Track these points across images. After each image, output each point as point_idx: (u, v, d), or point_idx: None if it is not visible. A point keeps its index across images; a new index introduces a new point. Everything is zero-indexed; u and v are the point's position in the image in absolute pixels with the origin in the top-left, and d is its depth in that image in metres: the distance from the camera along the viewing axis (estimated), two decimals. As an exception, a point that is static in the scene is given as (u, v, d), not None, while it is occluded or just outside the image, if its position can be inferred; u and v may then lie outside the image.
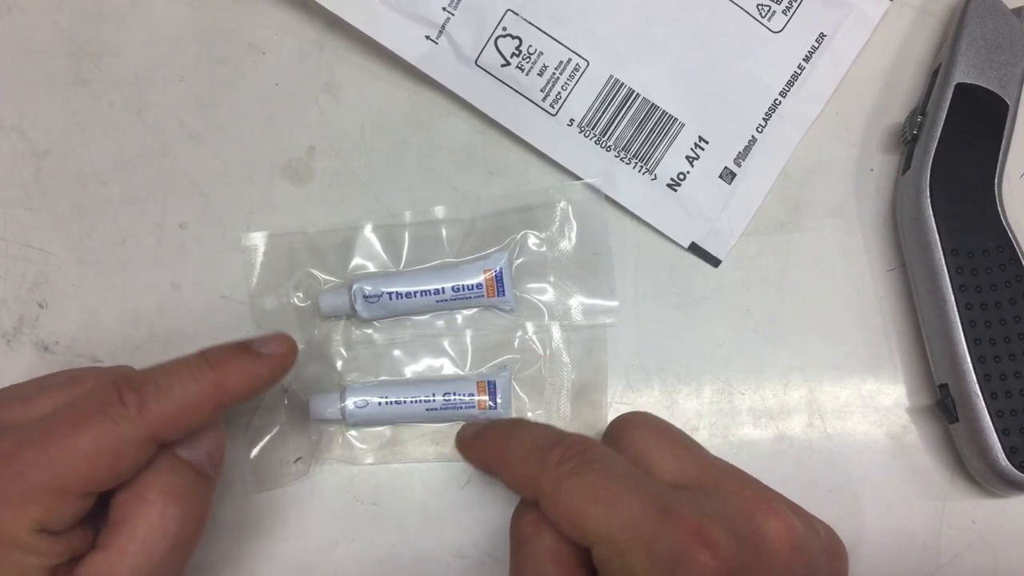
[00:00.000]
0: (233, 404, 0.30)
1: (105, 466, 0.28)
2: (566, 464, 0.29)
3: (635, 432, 0.31)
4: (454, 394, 0.38)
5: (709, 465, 0.30)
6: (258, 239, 0.40)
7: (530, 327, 0.40)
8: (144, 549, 0.29)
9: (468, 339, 0.40)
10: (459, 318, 0.40)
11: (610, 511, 0.27)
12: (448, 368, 0.39)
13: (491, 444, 0.33)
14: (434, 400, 0.38)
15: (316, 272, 0.40)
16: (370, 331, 0.40)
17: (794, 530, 0.28)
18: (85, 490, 0.28)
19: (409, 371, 0.39)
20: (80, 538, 0.29)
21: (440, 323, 0.40)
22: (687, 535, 0.26)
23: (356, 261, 0.40)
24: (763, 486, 0.30)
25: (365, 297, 0.38)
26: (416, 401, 0.38)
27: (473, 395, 0.38)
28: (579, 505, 0.28)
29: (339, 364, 0.39)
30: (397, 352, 0.40)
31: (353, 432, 0.39)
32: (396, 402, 0.38)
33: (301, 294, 0.39)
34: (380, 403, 0.38)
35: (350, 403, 0.38)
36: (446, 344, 0.40)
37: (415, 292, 0.38)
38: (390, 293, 0.38)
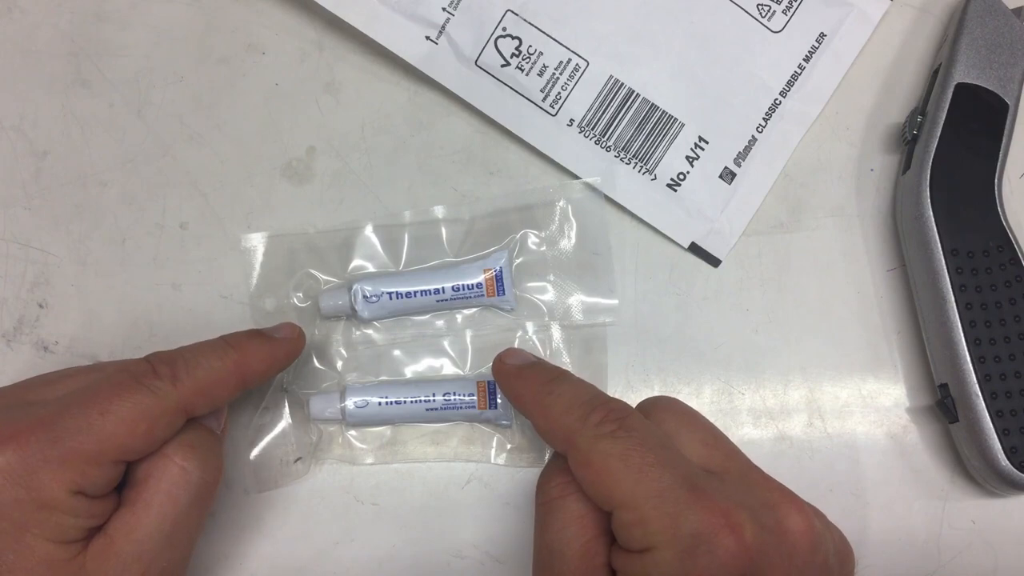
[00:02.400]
0: (253, 384, 0.34)
1: (142, 433, 0.30)
2: (605, 426, 0.29)
3: (665, 414, 0.31)
4: (454, 394, 0.38)
5: (736, 455, 0.30)
6: (258, 240, 0.40)
7: (530, 327, 0.40)
8: (169, 499, 0.30)
9: (468, 339, 0.40)
10: (459, 318, 0.40)
11: (640, 479, 0.28)
12: (448, 368, 0.39)
13: (533, 387, 0.32)
14: (434, 400, 0.38)
15: (316, 272, 0.40)
16: (370, 331, 0.40)
17: (814, 528, 0.28)
18: (121, 456, 0.30)
19: (409, 371, 0.39)
20: (113, 503, 0.31)
21: (440, 323, 0.40)
22: (714, 516, 0.27)
23: (356, 261, 0.40)
24: (784, 485, 0.30)
25: (365, 297, 0.38)
26: (416, 401, 0.38)
27: (473, 395, 0.38)
28: (611, 467, 0.28)
29: (339, 364, 0.39)
30: (397, 352, 0.40)
31: (353, 432, 0.39)
32: (396, 402, 0.38)
33: (301, 294, 0.39)
34: (380, 403, 0.38)
35: (350, 403, 0.38)
36: (446, 344, 0.40)
37: (415, 292, 0.38)
38: (390, 293, 0.38)
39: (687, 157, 0.40)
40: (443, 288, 0.38)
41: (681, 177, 0.40)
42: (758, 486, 0.29)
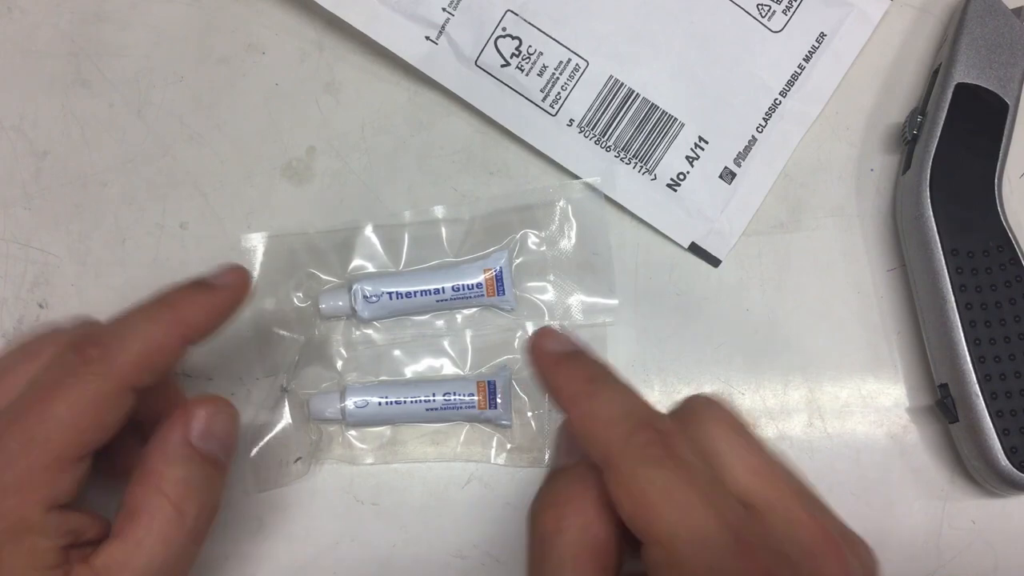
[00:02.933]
0: (198, 339, 0.31)
1: (89, 425, 0.28)
2: (651, 449, 0.27)
3: (713, 427, 0.29)
4: (454, 394, 0.38)
5: (782, 484, 0.28)
6: (258, 239, 0.40)
7: (530, 327, 0.40)
8: (161, 541, 0.29)
9: (468, 339, 0.40)
10: (459, 318, 0.40)
11: (684, 518, 0.26)
12: (448, 368, 0.39)
13: (573, 384, 0.29)
14: (434, 400, 0.38)
15: (316, 272, 0.40)
16: (370, 331, 0.40)
17: (842, 558, 0.27)
18: (80, 453, 0.28)
19: (409, 371, 0.39)
20: (87, 520, 0.29)
21: (440, 323, 0.40)
22: (752, 572, 0.25)
23: (356, 261, 0.40)
24: (828, 514, 0.28)
25: (365, 297, 0.38)
26: (416, 401, 0.38)
27: (473, 395, 0.38)
28: (653, 500, 0.26)
29: (339, 364, 0.39)
30: (397, 352, 0.40)
31: (353, 432, 0.39)
32: (396, 402, 0.38)
33: (301, 294, 0.39)
34: (380, 403, 0.38)
35: (350, 403, 0.38)
36: (446, 344, 0.40)
37: (415, 292, 0.38)
38: (390, 293, 0.38)
39: (687, 157, 0.40)
40: (443, 288, 0.38)
41: (681, 177, 0.40)
42: (801, 528, 0.27)
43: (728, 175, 0.40)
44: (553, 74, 0.40)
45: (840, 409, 0.40)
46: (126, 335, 0.29)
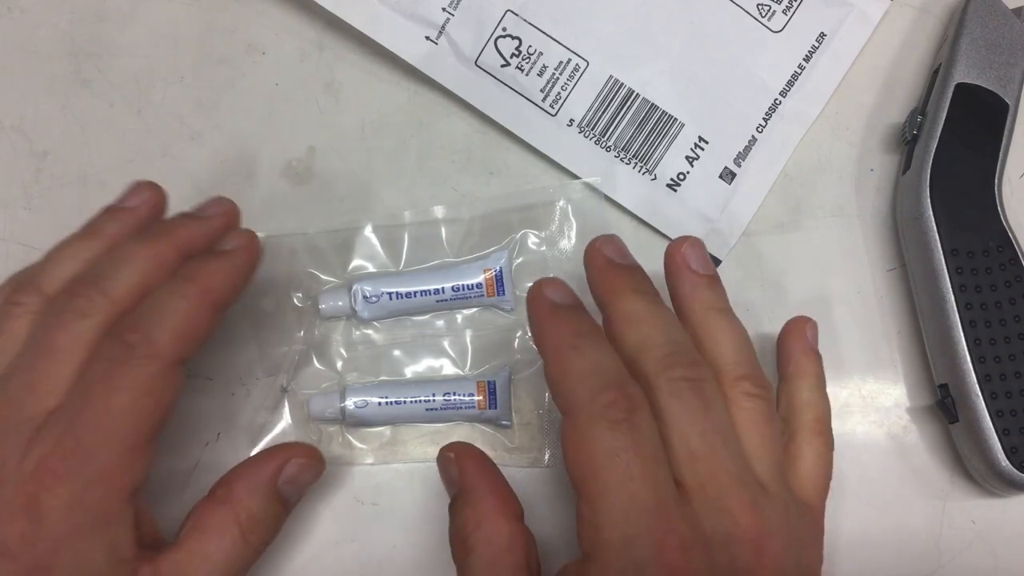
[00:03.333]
0: (226, 306, 0.32)
1: (151, 407, 0.29)
2: (611, 411, 0.28)
3: (673, 402, 0.29)
4: (454, 394, 0.38)
5: (718, 471, 0.29)
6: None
7: (530, 327, 0.39)
8: (224, 561, 0.30)
9: (468, 339, 0.40)
10: (459, 318, 0.40)
11: (618, 484, 0.27)
12: (448, 368, 0.39)
13: (560, 333, 0.31)
14: (434, 400, 0.38)
15: (316, 272, 0.40)
16: (370, 331, 0.40)
17: (775, 567, 0.28)
18: (149, 437, 0.29)
19: (409, 371, 0.39)
20: (142, 508, 0.30)
21: (440, 323, 0.40)
22: (664, 553, 0.27)
23: (356, 261, 0.40)
24: (766, 509, 0.29)
25: (365, 297, 0.38)
26: (416, 401, 0.38)
27: (473, 395, 0.38)
28: (597, 458, 0.28)
29: (339, 364, 0.39)
30: (397, 352, 0.40)
31: (353, 432, 0.39)
32: (396, 402, 0.38)
33: (301, 294, 0.39)
34: (380, 403, 0.38)
35: (350, 403, 0.38)
36: (446, 344, 0.40)
37: (415, 292, 0.38)
38: (390, 293, 0.38)
39: (687, 157, 0.40)
40: (443, 288, 0.38)
41: (681, 177, 0.40)
42: (727, 514, 0.28)
43: (728, 175, 0.40)
44: (553, 74, 0.40)
45: (840, 409, 0.40)
46: (161, 315, 0.30)
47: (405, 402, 0.38)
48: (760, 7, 0.40)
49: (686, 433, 0.29)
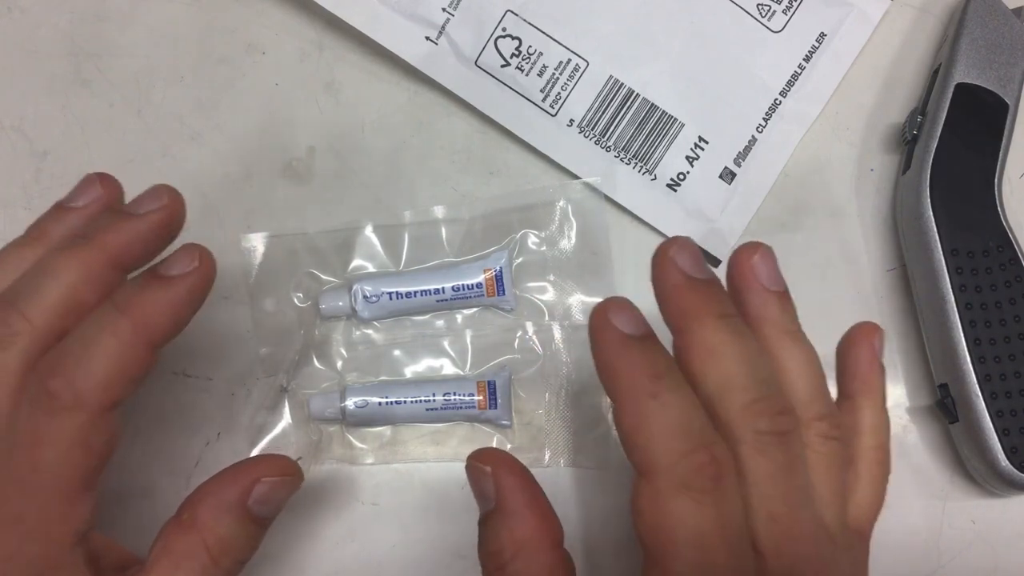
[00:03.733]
0: (165, 341, 0.28)
1: (80, 459, 0.26)
2: (697, 479, 0.25)
3: (757, 460, 0.26)
4: (454, 394, 0.38)
5: (795, 537, 0.26)
6: (257, 240, 0.40)
7: (530, 327, 0.40)
8: None
9: (468, 339, 0.40)
10: (459, 318, 0.40)
11: (693, 554, 0.25)
12: (448, 368, 0.39)
13: (636, 377, 0.26)
14: (434, 400, 0.38)
15: (316, 272, 0.40)
16: (370, 331, 0.40)
17: None
18: (86, 484, 0.27)
19: (409, 371, 0.39)
20: (103, 542, 0.29)
21: (440, 323, 0.40)
22: None
23: (356, 261, 0.40)
24: (833, 570, 0.27)
25: (365, 297, 0.38)
26: (416, 401, 0.38)
27: (473, 395, 0.38)
28: (678, 531, 0.25)
29: (339, 364, 0.39)
30: (397, 352, 0.40)
31: (353, 432, 0.39)
32: (396, 402, 0.38)
33: (301, 294, 0.39)
34: (380, 403, 0.38)
35: (350, 403, 0.38)
36: (446, 344, 0.40)
37: (415, 292, 0.38)
38: (390, 293, 0.38)
39: (687, 157, 0.40)
40: (443, 288, 0.38)
41: (681, 177, 0.40)
42: None
43: (728, 175, 0.40)
44: (553, 74, 0.40)
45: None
46: (87, 357, 0.26)
47: (405, 402, 0.38)
48: (760, 7, 0.40)
49: (770, 496, 0.26)
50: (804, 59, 0.41)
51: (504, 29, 0.40)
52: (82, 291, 0.27)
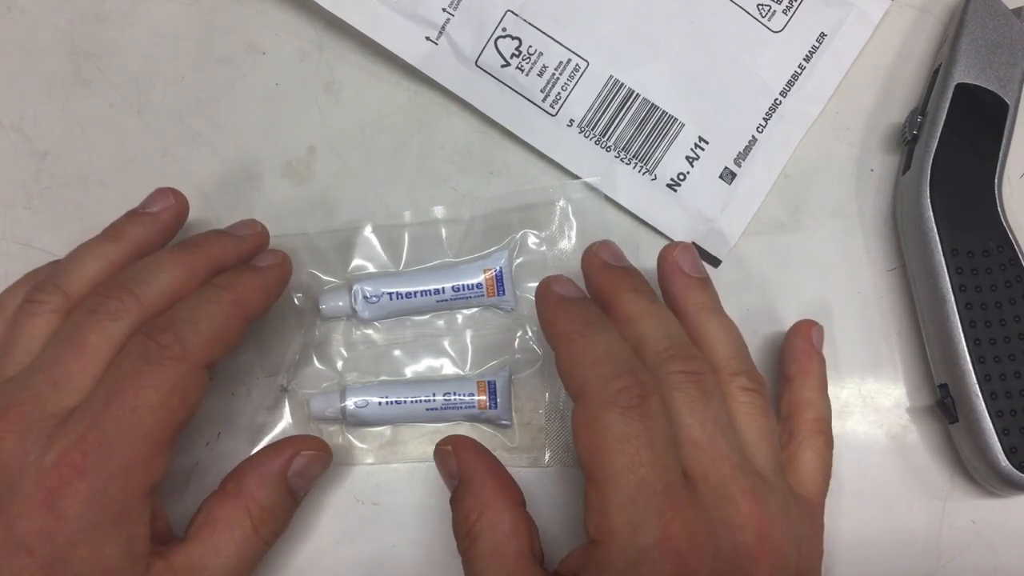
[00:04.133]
0: (255, 318, 0.33)
1: (176, 407, 0.30)
2: (623, 396, 0.29)
3: (679, 394, 0.30)
4: (454, 394, 0.38)
5: (720, 460, 0.30)
6: None
7: (530, 327, 0.40)
8: (237, 552, 0.31)
9: (468, 339, 0.40)
10: (459, 318, 0.40)
11: (625, 473, 0.28)
12: (448, 368, 0.39)
13: (569, 322, 0.32)
14: (434, 400, 0.38)
15: (316, 272, 0.40)
16: (370, 331, 0.40)
17: (772, 554, 0.29)
18: (171, 436, 0.30)
19: (409, 371, 0.39)
20: (157, 504, 0.31)
21: (440, 323, 0.40)
22: (669, 539, 0.27)
23: (356, 262, 0.40)
24: (767, 498, 0.30)
25: (365, 298, 0.38)
26: (416, 401, 0.38)
27: (473, 395, 0.38)
28: (608, 442, 0.28)
29: (339, 364, 0.39)
30: (397, 352, 0.40)
31: (353, 432, 0.39)
32: (396, 402, 0.38)
33: (301, 294, 0.39)
34: (380, 403, 0.38)
35: (350, 403, 0.38)
36: (446, 344, 0.40)
37: (415, 292, 0.38)
38: (390, 293, 0.38)
39: (687, 157, 0.40)
40: (443, 288, 0.38)
41: (681, 177, 0.40)
42: (730, 502, 0.29)
43: (728, 175, 0.40)
44: (553, 74, 0.40)
45: (840, 409, 0.40)
46: (194, 318, 0.31)
47: (405, 402, 0.38)
48: (760, 7, 0.40)
49: (688, 423, 0.30)
50: (804, 59, 0.41)
51: (504, 29, 0.40)
52: (185, 284, 0.32)
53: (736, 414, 0.32)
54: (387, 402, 0.38)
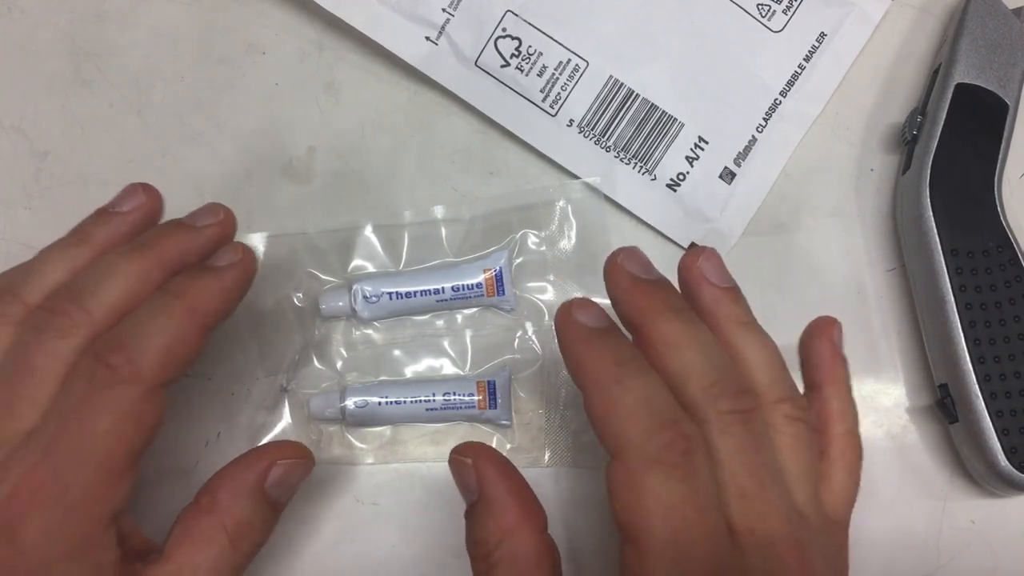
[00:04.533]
0: (214, 325, 0.30)
1: (132, 432, 0.28)
2: (667, 454, 0.26)
3: (724, 438, 0.27)
4: (454, 394, 0.38)
5: (770, 513, 0.27)
6: (258, 239, 0.40)
7: (530, 327, 0.40)
8: (212, 570, 0.29)
9: (468, 339, 0.40)
10: (459, 318, 0.40)
11: (670, 538, 0.26)
12: (448, 368, 0.39)
13: (601, 364, 0.28)
14: (434, 400, 0.38)
15: (316, 272, 0.40)
16: (370, 331, 0.40)
17: None
18: (131, 461, 0.28)
19: (409, 371, 0.39)
20: (130, 525, 0.29)
21: (440, 323, 0.40)
22: None
23: (356, 261, 0.40)
24: (811, 550, 0.28)
25: (365, 297, 0.38)
26: (416, 401, 0.38)
27: (473, 395, 0.38)
28: (649, 504, 0.26)
29: (339, 364, 0.39)
30: (397, 352, 0.40)
31: (353, 432, 0.39)
32: (396, 402, 0.38)
33: (301, 294, 0.39)
34: (380, 403, 0.38)
35: (350, 403, 0.38)
36: (446, 344, 0.40)
37: (415, 292, 0.38)
38: (390, 293, 0.38)
39: (687, 157, 0.40)
40: (443, 288, 0.38)
41: (681, 177, 0.40)
42: (777, 561, 0.27)
43: (728, 175, 0.40)
44: (553, 74, 0.40)
45: (840, 409, 0.40)
46: (145, 335, 0.28)
47: (405, 402, 0.38)
48: (760, 7, 0.40)
49: (737, 472, 0.27)
50: (804, 59, 0.41)
51: (504, 29, 0.40)
52: (138, 292, 0.29)
53: (781, 447, 0.29)
54: (387, 402, 0.38)
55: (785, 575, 0.27)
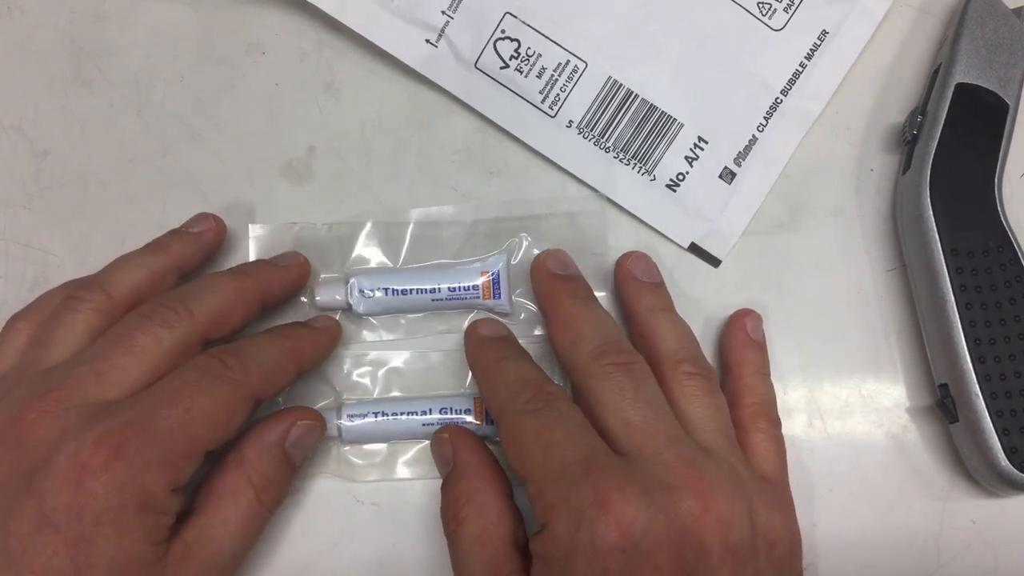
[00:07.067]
0: (306, 370, 0.36)
1: (222, 423, 0.32)
2: (531, 403, 0.32)
3: (603, 384, 0.32)
4: (450, 411, 0.38)
5: (654, 434, 0.31)
6: (263, 230, 0.40)
7: (526, 333, 0.39)
8: (243, 521, 0.33)
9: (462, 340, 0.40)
10: (456, 320, 0.40)
11: (546, 455, 0.30)
12: (442, 368, 0.39)
13: (488, 358, 0.36)
14: (429, 416, 0.38)
15: (315, 264, 0.40)
16: (365, 329, 0.40)
17: (713, 512, 0.29)
18: (209, 447, 0.31)
19: (404, 370, 0.39)
20: (183, 500, 0.32)
21: (435, 323, 0.40)
22: (598, 493, 0.28)
23: (355, 256, 0.40)
24: (706, 465, 0.30)
25: (361, 292, 0.38)
26: (411, 414, 0.38)
27: (470, 411, 0.38)
28: (526, 442, 0.31)
29: (337, 364, 0.39)
30: (393, 351, 0.40)
31: (349, 448, 0.39)
32: (392, 414, 0.38)
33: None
34: (376, 418, 0.38)
35: (345, 419, 0.38)
36: (441, 344, 0.40)
37: (411, 290, 0.38)
38: (386, 289, 0.38)
39: (686, 157, 0.40)
40: (439, 288, 0.38)
41: (681, 177, 0.40)
42: (665, 467, 0.30)
43: (728, 175, 0.40)
44: (552, 75, 0.40)
45: (840, 409, 0.40)
46: (258, 355, 0.33)
47: (400, 416, 0.38)
48: (761, 5, 0.40)
49: (618, 406, 0.32)
50: (806, 57, 0.40)
51: (503, 31, 0.40)
52: (235, 307, 0.34)
53: (680, 397, 0.33)
54: (382, 418, 0.38)
55: (675, 479, 0.29)
